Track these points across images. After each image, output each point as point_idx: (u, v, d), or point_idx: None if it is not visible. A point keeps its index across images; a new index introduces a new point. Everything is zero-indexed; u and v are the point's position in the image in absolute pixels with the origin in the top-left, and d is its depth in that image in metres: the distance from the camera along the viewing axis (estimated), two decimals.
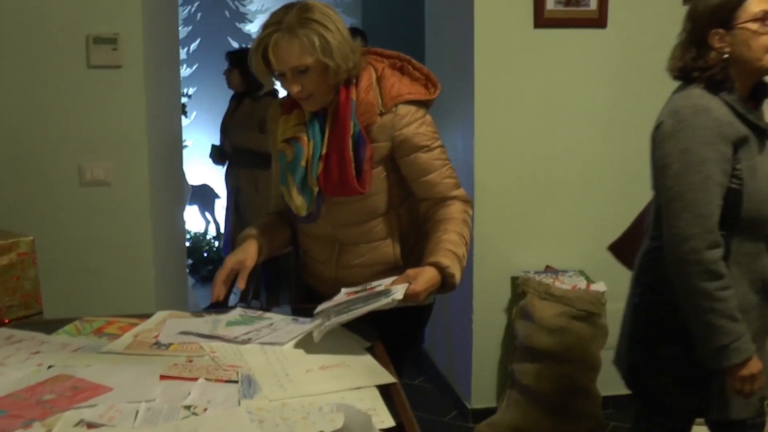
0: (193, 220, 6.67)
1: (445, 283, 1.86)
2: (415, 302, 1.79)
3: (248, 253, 2.00)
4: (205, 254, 6.55)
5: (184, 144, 4.01)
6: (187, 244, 5.53)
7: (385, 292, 1.76)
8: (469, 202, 2.02)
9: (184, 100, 6.04)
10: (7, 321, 2.07)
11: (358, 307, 1.75)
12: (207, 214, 6.86)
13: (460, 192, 2.01)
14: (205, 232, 6.86)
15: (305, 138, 1.94)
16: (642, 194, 2.11)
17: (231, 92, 4.76)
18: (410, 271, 1.81)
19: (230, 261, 1.98)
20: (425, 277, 1.80)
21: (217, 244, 6.78)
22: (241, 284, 1.95)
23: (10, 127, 2.98)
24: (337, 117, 1.91)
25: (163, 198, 3.37)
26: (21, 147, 3.02)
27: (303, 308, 1.99)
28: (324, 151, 1.93)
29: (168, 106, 3.55)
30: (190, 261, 5.91)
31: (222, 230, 6.90)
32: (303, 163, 1.94)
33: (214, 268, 6.35)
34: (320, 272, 2.15)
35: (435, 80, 2.01)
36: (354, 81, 1.93)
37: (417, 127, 1.94)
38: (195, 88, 6.77)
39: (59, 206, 3.07)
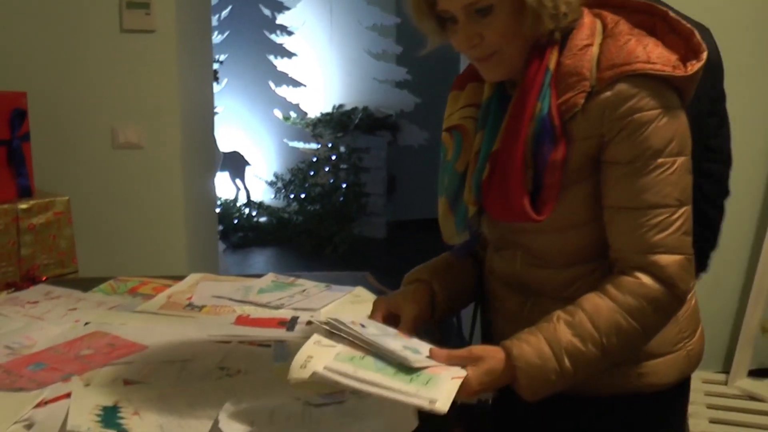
0: (224, 186, 6.79)
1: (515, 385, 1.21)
2: (461, 396, 1.15)
3: (413, 301, 1.39)
4: (236, 221, 6.67)
5: (215, 110, 4.08)
6: (218, 210, 5.64)
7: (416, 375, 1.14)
8: (673, 287, 1.21)
9: (215, 66, 6.10)
10: (44, 278, 2.17)
11: (366, 382, 1.13)
12: (237, 181, 6.95)
13: (666, 261, 1.21)
14: (236, 199, 6.97)
15: (470, 127, 1.34)
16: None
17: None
18: (476, 349, 1.21)
19: (382, 303, 1.39)
20: (488, 366, 1.18)
21: (247, 211, 6.88)
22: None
23: (44, 89, 3.03)
24: (520, 94, 1.26)
25: (194, 163, 3.42)
26: (55, 110, 3.08)
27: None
28: (496, 147, 1.28)
29: (200, 72, 3.58)
30: (220, 227, 6.04)
31: (251, 197, 7.01)
32: (461, 167, 1.35)
33: (244, 235, 6.51)
34: (502, 331, 1.39)
35: (697, 45, 1.24)
36: (559, 40, 1.25)
37: (642, 122, 1.20)
38: (226, 55, 6.84)
39: (93, 168, 3.14)
